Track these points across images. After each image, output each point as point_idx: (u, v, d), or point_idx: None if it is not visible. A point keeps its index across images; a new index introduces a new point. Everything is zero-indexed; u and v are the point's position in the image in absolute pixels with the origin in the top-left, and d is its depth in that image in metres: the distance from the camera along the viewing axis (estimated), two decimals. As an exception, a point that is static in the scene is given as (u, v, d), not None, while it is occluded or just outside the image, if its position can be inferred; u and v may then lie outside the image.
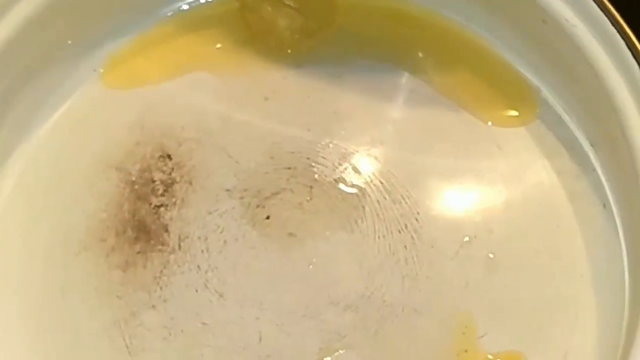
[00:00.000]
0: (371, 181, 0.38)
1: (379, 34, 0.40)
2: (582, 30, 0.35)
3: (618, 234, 0.36)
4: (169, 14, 0.40)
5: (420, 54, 0.40)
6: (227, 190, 0.38)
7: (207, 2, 0.40)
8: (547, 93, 0.39)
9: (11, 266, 0.37)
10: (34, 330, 0.36)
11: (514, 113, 0.39)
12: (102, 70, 0.40)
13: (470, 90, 0.39)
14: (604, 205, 0.37)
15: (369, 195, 0.37)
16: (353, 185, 0.37)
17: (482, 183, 0.38)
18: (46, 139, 0.39)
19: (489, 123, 0.39)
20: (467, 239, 0.37)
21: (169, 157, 0.38)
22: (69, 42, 0.39)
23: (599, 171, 0.37)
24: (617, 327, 0.34)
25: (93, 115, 0.39)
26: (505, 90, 0.39)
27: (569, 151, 0.38)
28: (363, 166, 0.38)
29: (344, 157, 0.38)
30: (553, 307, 0.35)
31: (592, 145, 0.38)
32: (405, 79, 0.39)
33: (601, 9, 0.34)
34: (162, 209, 0.37)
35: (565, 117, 0.38)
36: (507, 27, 0.38)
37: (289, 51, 0.39)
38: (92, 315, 0.36)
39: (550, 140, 0.38)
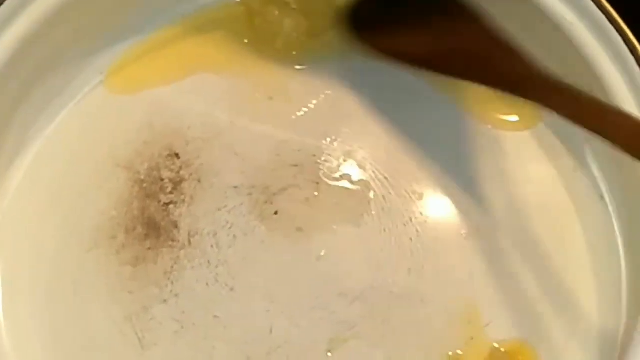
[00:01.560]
0: (376, 177, 0.38)
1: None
2: (580, 28, 0.36)
3: (613, 224, 0.38)
4: (175, 17, 0.41)
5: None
6: (235, 187, 0.38)
7: (212, 5, 0.41)
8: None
9: (22, 264, 0.37)
10: (47, 327, 0.36)
11: (515, 118, 0.40)
12: (109, 72, 0.40)
13: (473, 92, 0.40)
14: (601, 197, 0.38)
15: (374, 190, 0.38)
16: (358, 181, 0.38)
17: (485, 178, 0.39)
18: (55, 138, 0.39)
19: (489, 126, 0.40)
20: (470, 231, 0.38)
21: (177, 156, 0.39)
22: (77, 44, 0.39)
23: (596, 166, 0.39)
24: (616, 313, 0.36)
25: (101, 115, 0.40)
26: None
27: (567, 148, 0.39)
28: (367, 163, 0.39)
29: (349, 154, 0.39)
30: (555, 295, 0.37)
31: (588, 141, 0.39)
32: (408, 79, 0.40)
33: (599, 7, 0.35)
34: (171, 206, 0.38)
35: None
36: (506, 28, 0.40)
37: (294, 53, 0.40)
38: (104, 311, 0.36)
39: (549, 138, 0.39)
